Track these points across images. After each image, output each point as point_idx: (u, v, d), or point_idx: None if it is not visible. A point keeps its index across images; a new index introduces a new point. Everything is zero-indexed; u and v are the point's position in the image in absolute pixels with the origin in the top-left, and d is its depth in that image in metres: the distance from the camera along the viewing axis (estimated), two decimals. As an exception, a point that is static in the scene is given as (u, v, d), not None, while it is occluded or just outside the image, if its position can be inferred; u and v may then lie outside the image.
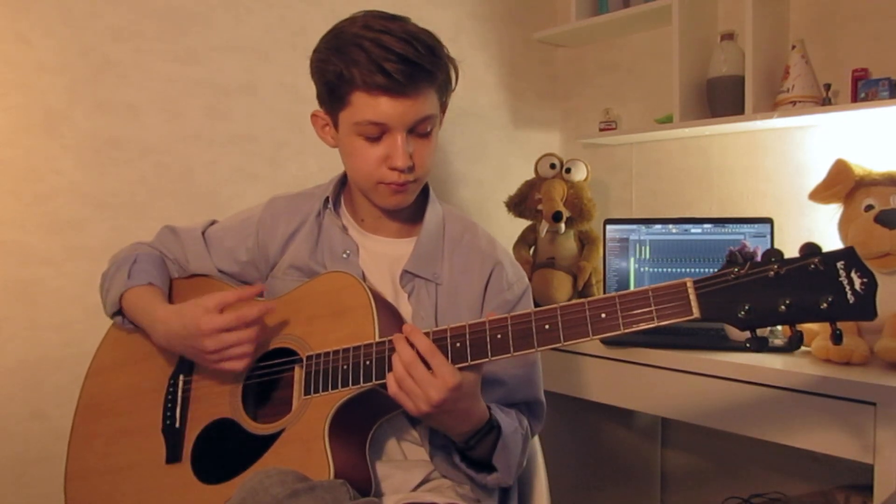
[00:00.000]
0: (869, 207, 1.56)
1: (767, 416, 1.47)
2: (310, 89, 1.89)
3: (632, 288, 1.88)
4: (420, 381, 0.93)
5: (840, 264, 0.82)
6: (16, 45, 1.52)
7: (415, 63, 1.02)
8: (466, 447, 1.05)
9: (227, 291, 1.07)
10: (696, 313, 0.86)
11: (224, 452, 1.08)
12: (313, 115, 1.18)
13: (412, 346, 0.95)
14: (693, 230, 1.89)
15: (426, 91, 1.06)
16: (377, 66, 1.01)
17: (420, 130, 1.09)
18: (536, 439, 1.31)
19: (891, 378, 1.34)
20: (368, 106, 1.04)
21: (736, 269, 0.85)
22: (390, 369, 0.97)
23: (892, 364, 1.41)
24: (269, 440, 1.04)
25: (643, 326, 0.88)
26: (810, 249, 0.84)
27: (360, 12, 1.09)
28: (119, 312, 1.20)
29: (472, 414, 1.01)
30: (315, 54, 1.11)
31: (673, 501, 2.34)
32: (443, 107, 1.15)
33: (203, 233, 1.28)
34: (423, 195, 1.23)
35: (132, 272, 1.19)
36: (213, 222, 1.32)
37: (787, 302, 0.82)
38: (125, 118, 1.66)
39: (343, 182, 1.26)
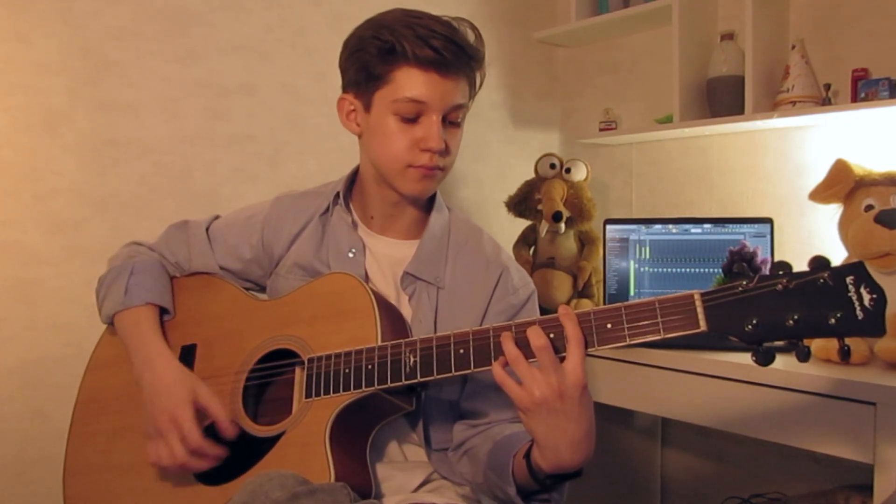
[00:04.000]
0: (869, 207, 1.56)
1: (767, 416, 1.47)
2: (309, 89, 1.92)
3: (632, 288, 1.92)
4: (545, 364, 0.87)
5: (849, 279, 0.80)
6: (16, 45, 1.52)
7: (460, 46, 1.05)
8: (545, 483, 0.95)
9: (219, 406, 1.05)
10: (703, 326, 0.85)
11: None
12: (340, 100, 1.16)
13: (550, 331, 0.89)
14: (693, 230, 1.89)
15: (464, 79, 1.09)
16: (426, 42, 1.03)
17: (452, 118, 1.10)
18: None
19: (891, 378, 1.34)
20: (412, 82, 1.05)
21: (744, 282, 0.84)
22: (403, 375, 0.95)
23: (892, 364, 1.41)
24: (270, 442, 1.04)
25: (648, 339, 0.87)
26: (819, 263, 0.82)
27: (396, 8, 1.10)
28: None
29: (585, 442, 0.90)
30: (354, 35, 1.11)
31: (673, 501, 2.35)
32: (468, 106, 1.15)
33: (207, 228, 1.27)
34: (431, 198, 1.22)
35: (129, 287, 1.17)
36: (216, 217, 1.31)
37: (796, 317, 0.82)
38: (125, 118, 1.66)
39: (353, 179, 1.25)
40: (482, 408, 1.14)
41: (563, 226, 2.07)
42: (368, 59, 1.07)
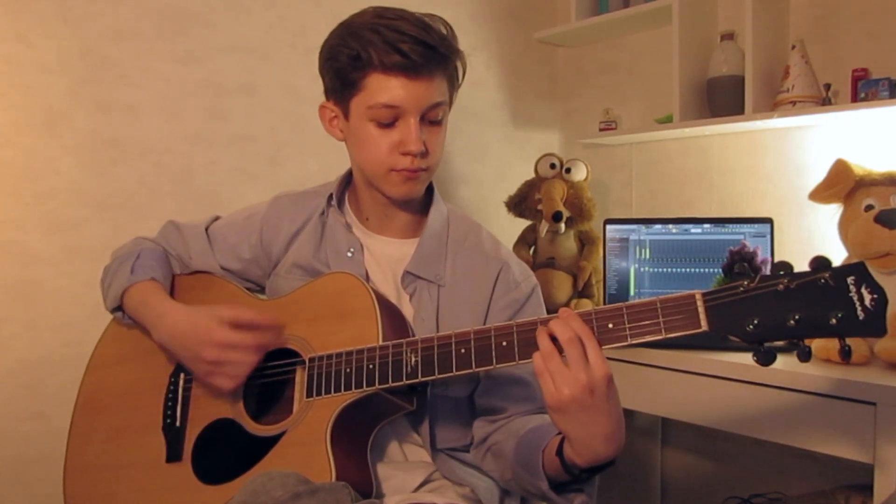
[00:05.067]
0: (869, 207, 1.56)
1: (767, 416, 1.47)
2: (309, 89, 1.91)
3: (632, 288, 1.92)
4: (572, 359, 0.86)
5: (850, 279, 0.81)
6: (16, 45, 1.52)
7: (430, 46, 1.03)
8: (580, 476, 0.94)
9: (244, 308, 1.07)
10: (704, 326, 0.85)
11: (225, 453, 1.08)
12: (321, 108, 1.17)
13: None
14: (693, 230, 1.89)
15: (439, 77, 1.07)
16: (393, 46, 1.02)
17: (431, 117, 1.09)
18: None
19: (891, 378, 1.34)
20: (383, 88, 1.04)
21: (745, 283, 0.84)
22: (398, 375, 0.95)
23: (892, 364, 1.41)
24: (271, 442, 1.04)
25: (650, 338, 0.87)
26: (820, 263, 0.83)
27: (369, 7, 1.09)
28: (120, 308, 1.19)
29: (618, 433, 0.89)
30: (326, 43, 1.11)
31: (673, 501, 2.35)
32: (451, 100, 1.15)
33: (206, 229, 1.28)
34: (428, 195, 1.22)
35: (135, 267, 1.18)
36: (216, 218, 1.32)
37: (797, 317, 0.82)
38: (125, 118, 1.66)
39: (348, 180, 1.25)
40: (500, 403, 1.14)
41: (563, 226, 2.08)
42: (340, 67, 1.07)
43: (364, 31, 1.04)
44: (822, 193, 1.63)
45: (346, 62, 1.06)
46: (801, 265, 0.84)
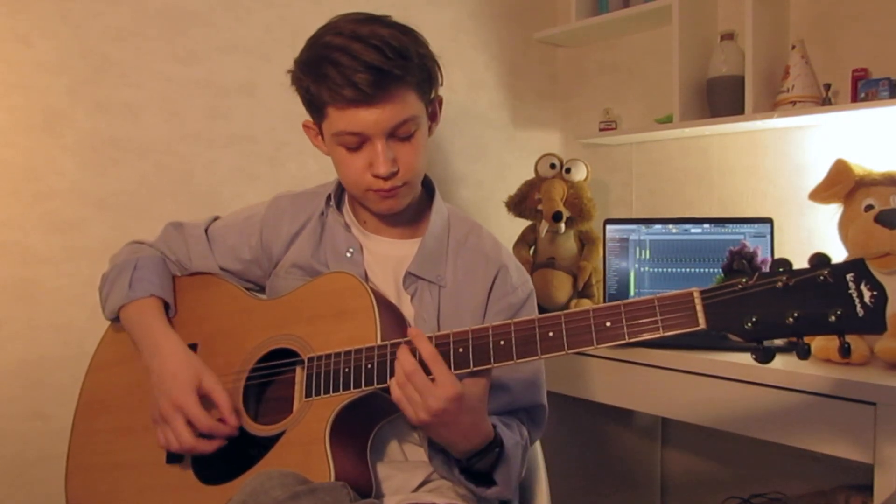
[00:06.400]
0: (869, 207, 1.56)
1: (767, 416, 1.47)
2: (310, 89, 1.91)
3: (632, 288, 1.92)
4: (420, 388, 0.93)
5: (850, 276, 0.80)
6: (16, 45, 1.52)
7: (383, 70, 1.00)
8: (467, 464, 1.04)
9: (222, 394, 1.06)
10: (702, 324, 0.85)
11: (225, 453, 1.07)
12: (304, 126, 1.18)
13: (415, 351, 0.95)
14: (693, 230, 1.89)
15: (401, 94, 1.04)
16: (345, 78, 1.00)
17: (401, 134, 1.07)
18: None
19: (891, 378, 1.34)
20: (343, 118, 1.04)
21: (744, 280, 0.84)
22: (393, 373, 0.97)
23: (892, 364, 1.41)
24: (270, 442, 1.04)
25: (648, 336, 0.87)
26: (819, 260, 0.82)
27: (337, 16, 1.08)
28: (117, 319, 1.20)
29: (474, 432, 1.00)
30: (294, 66, 1.10)
31: (673, 501, 2.35)
32: (431, 104, 1.13)
33: (206, 230, 1.28)
34: (429, 196, 1.22)
35: (133, 281, 1.18)
36: (216, 218, 1.32)
37: (796, 314, 0.81)
38: (125, 118, 1.65)
39: None
40: None
41: (563, 226, 2.07)
42: (304, 94, 1.09)
43: (318, 62, 1.03)
44: (822, 193, 1.63)
45: (305, 94, 1.08)
46: (802, 265, 0.84)
